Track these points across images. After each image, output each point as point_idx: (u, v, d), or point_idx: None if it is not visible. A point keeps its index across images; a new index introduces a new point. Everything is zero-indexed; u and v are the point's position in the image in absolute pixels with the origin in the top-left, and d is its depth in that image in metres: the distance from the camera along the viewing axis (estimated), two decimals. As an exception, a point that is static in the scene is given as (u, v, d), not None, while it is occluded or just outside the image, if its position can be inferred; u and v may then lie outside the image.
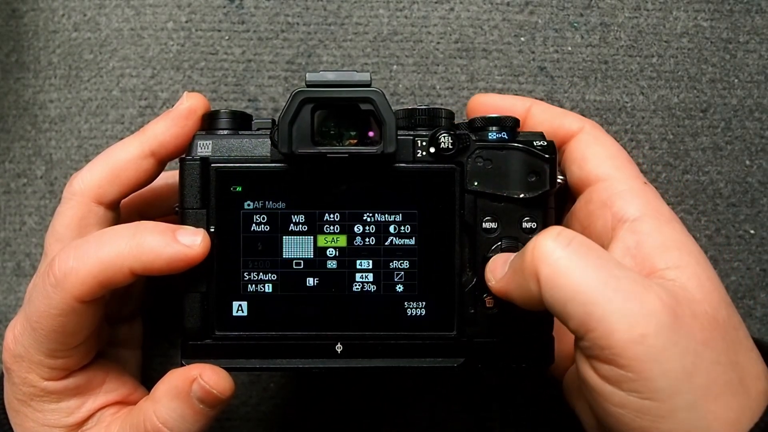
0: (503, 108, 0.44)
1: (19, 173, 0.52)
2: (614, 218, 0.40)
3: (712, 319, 0.35)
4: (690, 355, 0.34)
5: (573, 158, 0.43)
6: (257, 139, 0.40)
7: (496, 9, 0.52)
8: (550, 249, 0.35)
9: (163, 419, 0.39)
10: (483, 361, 0.41)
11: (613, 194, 0.41)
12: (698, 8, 0.52)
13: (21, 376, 0.40)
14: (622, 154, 0.43)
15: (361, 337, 0.40)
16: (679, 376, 0.33)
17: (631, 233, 0.39)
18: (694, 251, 0.38)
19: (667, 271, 0.37)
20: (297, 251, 0.40)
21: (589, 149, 0.42)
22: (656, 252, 0.38)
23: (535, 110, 0.45)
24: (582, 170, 0.42)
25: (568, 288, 0.34)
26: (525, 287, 0.36)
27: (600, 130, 0.43)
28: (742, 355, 0.36)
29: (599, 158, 0.42)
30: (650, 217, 0.39)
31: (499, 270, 0.38)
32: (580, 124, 0.43)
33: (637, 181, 0.41)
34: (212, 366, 0.39)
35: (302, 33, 0.52)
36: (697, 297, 0.36)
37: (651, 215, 0.39)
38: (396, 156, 0.39)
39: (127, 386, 0.43)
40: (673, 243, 0.38)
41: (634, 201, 0.40)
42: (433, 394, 0.51)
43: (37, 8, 0.52)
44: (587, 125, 0.43)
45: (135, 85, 0.52)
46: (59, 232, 0.41)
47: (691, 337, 0.34)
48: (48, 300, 0.38)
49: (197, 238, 0.38)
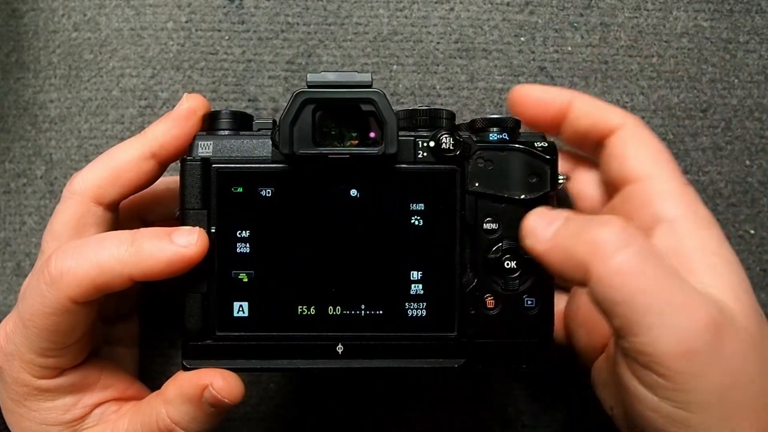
0: (547, 101, 0.44)
1: (19, 173, 0.52)
2: (653, 218, 0.39)
3: (750, 335, 0.35)
4: (729, 374, 0.34)
5: (614, 155, 0.42)
6: (258, 139, 0.40)
7: (496, 9, 0.52)
8: (612, 246, 0.34)
9: (176, 420, 0.39)
10: (483, 361, 0.41)
11: (652, 193, 0.40)
12: (698, 8, 0.52)
13: (13, 375, 0.40)
14: (664, 152, 0.42)
15: (362, 338, 0.40)
16: (716, 392, 0.33)
17: (669, 234, 0.38)
18: (731, 259, 0.38)
19: (704, 276, 0.37)
20: (298, 251, 0.40)
21: (630, 146, 0.41)
22: (695, 255, 0.37)
23: (577, 103, 0.43)
24: (622, 168, 0.41)
25: (623, 291, 0.33)
26: (569, 268, 0.35)
27: (643, 127, 0.42)
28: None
29: (640, 156, 0.41)
30: (690, 220, 0.39)
31: (541, 231, 0.37)
32: (622, 119, 0.42)
33: (678, 181, 0.40)
34: (223, 372, 0.39)
35: (302, 33, 0.52)
36: (735, 310, 0.36)
37: (690, 218, 0.39)
38: (397, 157, 0.39)
39: (123, 383, 0.43)
40: (711, 248, 0.38)
41: (673, 201, 0.39)
42: (433, 395, 0.51)
43: (37, 8, 0.52)
44: (630, 121, 0.42)
45: (135, 85, 0.52)
46: (57, 231, 0.41)
47: (732, 354, 0.34)
48: (42, 298, 0.38)
49: (193, 237, 0.38)
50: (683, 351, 0.33)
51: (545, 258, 0.37)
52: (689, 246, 0.38)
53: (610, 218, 0.35)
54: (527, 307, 0.40)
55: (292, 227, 0.40)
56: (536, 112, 0.44)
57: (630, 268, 0.33)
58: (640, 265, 0.34)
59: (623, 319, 0.34)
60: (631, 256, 0.34)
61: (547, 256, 0.37)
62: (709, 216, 0.40)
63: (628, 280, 0.33)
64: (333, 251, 0.40)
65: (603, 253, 0.34)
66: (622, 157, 0.42)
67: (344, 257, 0.40)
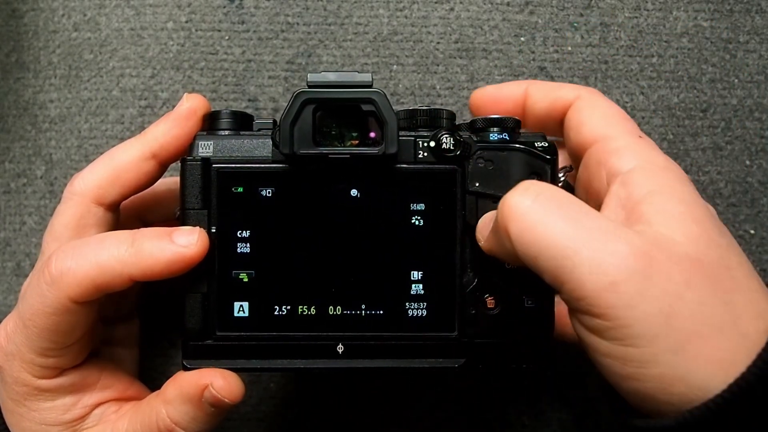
0: (502, 97, 0.45)
1: (19, 173, 0.52)
2: (608, 174, 0.39)
3: (695, 260, 0.34)
4: (668, 298, 0.33)
5: (571, 126, 0.42)
6: (258, 139, 0.40)
7: (496, 9, 0.52)
8: (516, 204, 0.35)
9: (176, 420, 0.39)
10: (484, 361, 0.41)
11: (607, 151, 0.40)
12: (698, 8, 0.52)
13: (13, 375, 0.40)
14: (618, 112, 0.42)
15: (363, 338, 0.40)
16: (656, 321, 0.33)
17: (622, 185, 0.38)
18: (686, 197, 0.37)
19: (653, 216, 0.36)
20: (298, 251, 0.40)
21: (584, 113, 0.42)
22: (644, 199, 0.37)
23: (531, 89, 0.44)
24: (579, 135, 0.42)
25: (537, 242, 0.34)
26: (502, 245, 0.36)
27: (597, 95, 0.43)
28: (738, 294, 0.34)
29: (594, 120, 0.41)
30: (642, 168, 0.38)
31: (486, 229, 0.38)
32: (576, 92, 0.43)
33: (632, 136, 0.40)
34: (223, 372, 0.39)
35: (302, 33, 0.52)
36: (678, 240, 0.35)
37: (643, 166, 0.38)
38: (397, 156, 0.39)
39: (123, 383, 0.43)
40: (660, 188, 0.37)
41: (627, 155, 0.39)
42: (433, 395, 0.51)
43: (37, 8, 0.52)
44: (583, 92, 0.43)
45: (135, 85, 0.52)
46: (57, 231, 0.41)
47: (669, 279, 0.33)
48: (42, 298, 0.38)
49: (193, 237, 0.38)
50: (607, 284, 0.33)
51: (491, 250, 0.38)
52: (640, 192, 0.37)
53: (520, 183, 0.36)
54: (527, 307, 0.40)
55: (292, 227, 0.40)
56: (495, 109, 0.44)
57: (539, 218, 0.34)
58: (549, 213, 0.34)
59: (548, 271, 0.34)
60: (537, 207, 0.34)
61: (491, 248, 0.38)
62: (665, 160, 0.39)
63: (539, 230, 0.34)
64: (333, 251, 0.40)
65: (512, 212, 0.35)
66: (578, 125, 0.42)
67: (344, 257, 0.40)
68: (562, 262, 0.33)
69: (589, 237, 0.34)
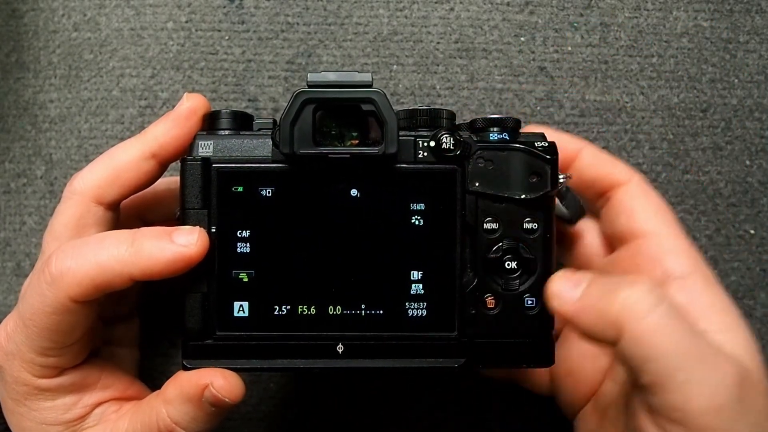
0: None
1: (19, 173, 0.52)
2: (664, 274, 0.41)
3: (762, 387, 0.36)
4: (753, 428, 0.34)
5: (621, 209, 0.43)
6: (258, 139, 0.40)
7: (496, 9, 0.52)
8: (643, 307, 0.35)
9: (176, 420, 0.39)
10: (483, 361, 0.41)
11: (662, 251, 0.41)
12: (698, 8, 0.52)
13: (13, 374, 0.40)
14: (668, 209, 0.43)
15: (363, 338, 0.40)
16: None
17: (682, 291, 0.40)
18: (740, 317, 0.39)
19: (717, 334, 0.38)
20: (298, 251, 0.40)
21: (638, 202, 0.43)
22: (707, 313, 0.39)
23: (585, 153, 0.45)
24: (630, 222, 0.43)
25: (655, 349, 0.34)
26: (600, 328, 0.36)
27: (647, 184, 0.44)
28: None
29: (648, 213, 0.43)
30: (699, 278, 0.40)
31: (567, 294, 0.37)
32: (629, 175, 0.44)
33: (684, 240, 0.42)
34: (223, 372, 0.39)
35: (302, 33, 0.52)
36: (749, 365, 0.37)
37: (699, 276, 0.40)
38: (397, 156, 0.39)
39: (123, 382, 0.43)
40: (720, 306, 0.39)
41: (683, 260, 0.41)
42: (433, 395, 0.51)
43: (37, 8, 0.52)
44: (636, 177, 0.44)
45: (135, 85, 0.52)
46: (57, 231, 0.41)
47: (757, 409, 0.35)
48: (42, 297, 0.38)
49: (193, 236, 0.38)
50: (715, 406, 0.34)
51: (575, 319, 0.37)
52: (701, 303, 0.39)
53: (638, 279, 0.36)
54: (527, 307, 0.40)
55: (292, 227, 0.40)
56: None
57: (662, 327, 0.34)
58: (671, 324, 0.35)
59: (655, 376, 0.34)
60: (662, 315, 0.35)
61: (577, 317, 0.37)
62: (712, 274, 0.41)
63: (660, 338, 0.34)
64: (333, 251, 0.40)
65: (636, 312, 0.35)
66: (630, 212, 0.43)
67: (344, 257, 0.40)
68: (675, 373, 0.34)
69: (703, 355, 0.34)
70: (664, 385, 0.34)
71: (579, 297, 0.37)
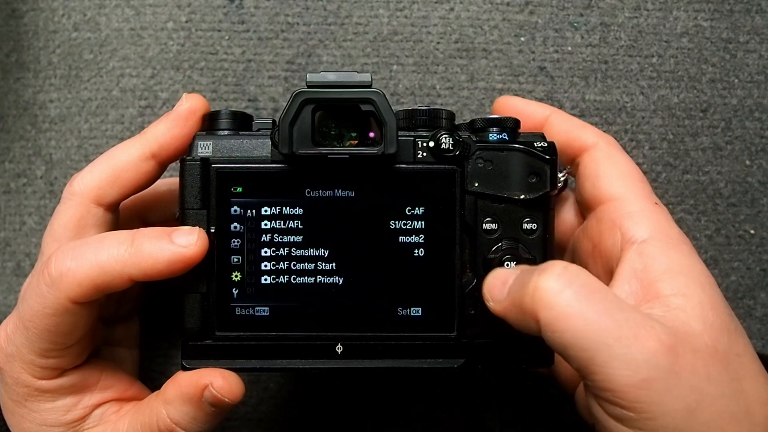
0: (524, 112, 0.44)
1: (19, 173, 0.52)
2: (623, 239, 0.40)
3: (713, 350, 0.35)
4: (693, 393, 0.34)
5: (586, 174, 0.43)
6: (258, 139, 0.40)
7: (496, 9, 0.52)
8: (552, 292, 0.34)
9: (176, 420, 0.39)
10: (483, 361, 0.41)
11: (623, 215, 0.40)
12: (698, 8, 0.52)
13: (13, 376, 0.40)
14: (636, 173, 0.42)
15: (362, 338, 0.40)
16: (682, 415, 0.34)
17: (638, 255, 0.39)
18: (700, 277, 0.38)
19: (671, 297, 0.37)
20: (297, 251, 0.40)
21: (603, 166, 0.42)
22: (662, 276, 0.38)
23: (553, 119, 0.44)
24: (594, 187, 0.42)
25: (569, 333, 0.34)
26: (524, 322, 0.36)
27: (615, 147, 0.43)
28: (747, 381, 0.36)
29: (612, 177, 0.42)
30: (658, 240, 0.39)
31: (497, 292, 0.38)
32: (595, 138, 0.43)
33: (648, 201, 0.41)
34: (222, 372, 0.39)
35: (302, 33, 0.52)
36: (697, 329, 0.36)
37: (659, 238, 0.39)
38: (396, 157, 0.39)
39: (123, 383, 0.43)
40: (679, 268, 0.38)
41: (643, 222, 0.40)
42: (433, 395, 0.51)
43: (37, 8, 0.52)
44: (602, 141, 0.43)
45: (135, 85, 0.52)
46: (57, 232, 0.41)
47: (693, 374, 0.34)
48: (42, 299, 0.38)
49: (193, 237, 0.38)
50: (639, 381, 0.33)
51: (505, 317, 0.37)
52: (656, 268, 0.38)
53: (549, 264, 0.36)
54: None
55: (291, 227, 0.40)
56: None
57: (572, 310, 0.34)
58: (581, 305, 0.34)
59: (578, 361, 0.34)
60: (570, 298, 0.34)
61: (505, 315, 0.37)
62: (678, 234, 0.40)
63: (572, 322, 0.34)
64: (332, 251, 0.40)
65: (545, 300, 0.34)
66: (594, 177, 0.42)
67: (343, 257, 0.40)
68: (594, 355, 0.34)
69: (620, 331, 0.34)
70: (589, 368, 0.34)
71: (506, 294, 0.37)
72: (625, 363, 0.33)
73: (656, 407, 0.33)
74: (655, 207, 0.41)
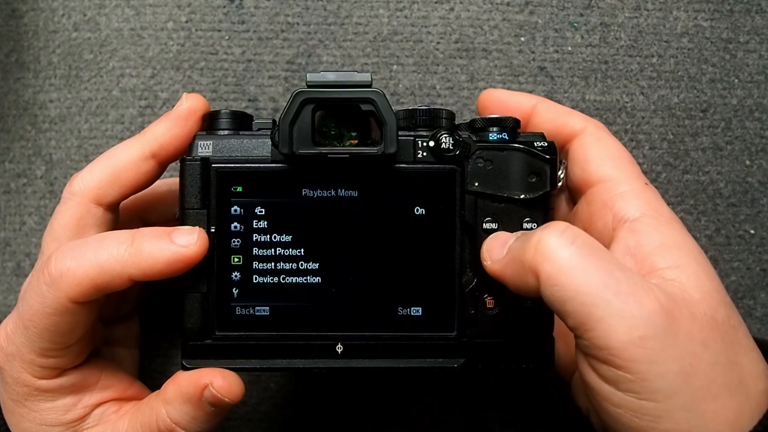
0: (510, 104, 0.45)
1: (19, 173, 0.52)
2: (615, 219, 0.40)
3: (711, 319, 0.36)
4: (688, 357, 0.34)
5: (575, 159, 0.43)
6: (258, 139, 0.40)
7: (496, 9, 0.52)
8: (554, 246, 0.35)
9: (176, 420, 0.39)
10: (483, 361, 0.41)
11: (613, 195, 0.41)
12: (698, 8, 0.52)
13: (13, 375, 0.40)
14: (625, 155, 0.43)
15: (362, 338, 0.40)
16: (676, 378, 0.34)
17: (631, 233, 0.39)
18: (694, 251, 0.39)
19: (666, 270, 0.37)
20: (296, 251, 0.40)
21: (592, 150, 0.42)
22: (656, 251, 0.38)
23: (540, 107, 0.45)
24: (584, 171, 0.42)
25: (569, 287, 0.34)
26: (522, 278, 0.36)
27: (603, 131, 0.43)
28: (742, 355, 0.36)
29: (601, 159, 0.42)
30: (650, 218, 0.39)
31: (497, 251, 0.38)
32: (583, 124, 0.43)
33: (638, 182, 0.41)
34: (222, 372, 0.39)
35: (302, 33, 0.52)
36: (695, 297, 0.36)
37: (650, 215, 0.40)
38: (397, 156, 0.39)
39: (123, 383, 0.43)
40: (672, 242, 0.38)
41: (634, 202, 0.40)
42: (433, 395, 0.51)
43: (37, 8, 0.52)
44: (590, 125, 0.43)
45: (135, 85, 0.52)
46: (57, 232, 0.41)
47: (689, 338, 0.34)
48: (42, 298, 0.38)
49: (193, 237, 0.38)
50: (635, 338, 0.33)
51: (501, 275, 0.38)
52: (650, 243, 0.38)
53: (552, 223, 0.36)
54: (527, 307, 0.40)
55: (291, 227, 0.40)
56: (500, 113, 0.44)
57: (574, 263, 0.34)
58: (584, 260, 0.34)
59: (575, 316, 0.34)
60: (574, 252, 0.35)
61: (502, 273, 0.37)
62: (669, 212, 0.40)
63: (573, 275, 0.34)
64: (332, 251, 0.40)
65: (548, 253, 0.35)
66: (583, 161, 0.42)
67: (343, 257, 0.40)
68: (592, 310, 0.34)
69: (619, 287, 0.34)
70: (585, 324, 0.34)
71: (505, 254, 0.38)
72: (623, 319, 0.33)
73: (651, 366, 0.33)
74: (646, 187, 0.41)
